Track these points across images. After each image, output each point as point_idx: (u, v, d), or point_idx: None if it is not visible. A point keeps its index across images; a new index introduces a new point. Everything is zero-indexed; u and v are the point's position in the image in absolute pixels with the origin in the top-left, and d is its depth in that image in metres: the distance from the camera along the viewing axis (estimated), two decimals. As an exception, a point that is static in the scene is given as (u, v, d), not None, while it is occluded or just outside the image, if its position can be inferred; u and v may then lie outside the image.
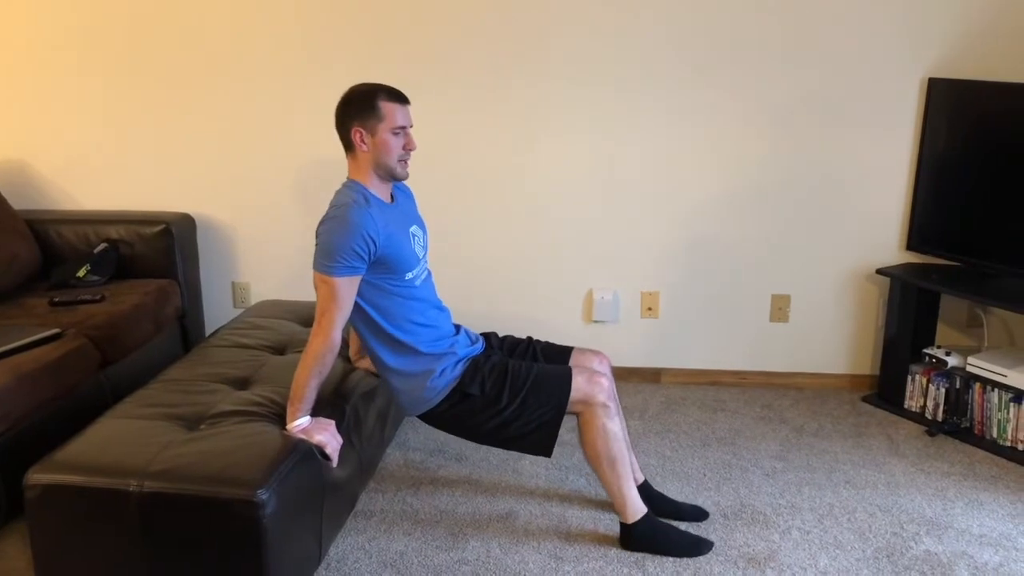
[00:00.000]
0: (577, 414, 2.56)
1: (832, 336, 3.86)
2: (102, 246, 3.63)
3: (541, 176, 3.75)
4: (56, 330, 2.99)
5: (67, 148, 3.85)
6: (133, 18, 3.69)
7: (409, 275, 2.50)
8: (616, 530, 2.69)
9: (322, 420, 2.42)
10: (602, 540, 2.71)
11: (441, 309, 2.66)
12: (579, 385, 2.53)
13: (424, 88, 3.68)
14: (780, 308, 3.84)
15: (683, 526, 2.75)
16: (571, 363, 2.72)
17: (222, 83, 3.74)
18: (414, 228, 2.61)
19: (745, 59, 3.58)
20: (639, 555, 2.62)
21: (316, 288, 2.39)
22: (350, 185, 2.50)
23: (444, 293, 2.73)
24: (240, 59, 3.71)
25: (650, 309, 3.87)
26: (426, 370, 2.52)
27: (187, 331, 3.76)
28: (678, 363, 3.93)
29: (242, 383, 2.68)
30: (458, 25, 3.61)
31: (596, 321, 3.88)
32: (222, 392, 2.58)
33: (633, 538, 2.63)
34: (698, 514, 2.83)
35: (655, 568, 2.56)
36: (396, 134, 2.46)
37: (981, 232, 3.44)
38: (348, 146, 2.50)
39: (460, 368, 2.55)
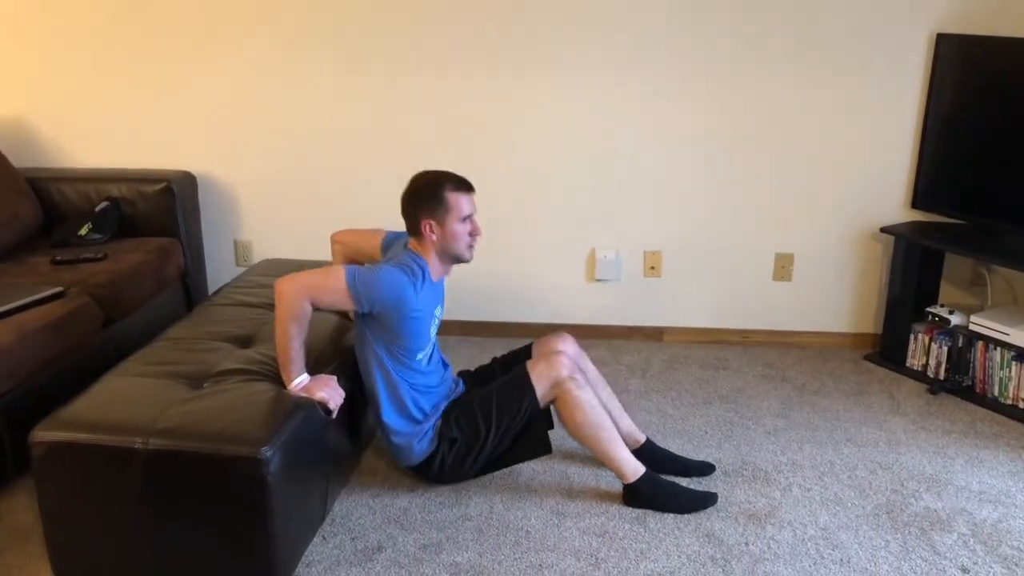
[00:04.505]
0: (553, 400, 2.61)
1: (835, 295, 3.85)
2: (104, 204, 3.62)
3: (543, 136, 3.72)
4: (59, 288, 2.99)
5: (68, 105, 3.82)
6: (131, -28, 3.65)
7: (419, 355, 2.58)
8: (617, 486, 2.71)
9: (323, 376, 2.43)
10: (604, 496, 2.73)
11: (445, 369, 2.78)
12: (539, 372, 2.60)
13: (423, 47, 3.64)
14: (783, 267, 3.83)
15: (687, 482, 2.77)
16: (533, 352, 2.81)
17: (223, 40, 3.69)
18: (439, 309, 2.67)
19: (749, 14, 3.53)
20: (640, 511, 2.64)
21: (327, 269, 2.46)
22: (415, 257, 2.55)
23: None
24: (243, 15, 3.65)
25: (653, 268, 3.86)
26: (416, 432, 2.62)
27: (189, 289, 3.76)
28: (681, 322, 3.93)
29: (245, 341, 2.68)
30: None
31: (599, 280, 3.88)
32: (225, 350, 2.59)
33: (635, 496, 2.65)
34: (705, 469, 2.86)
35: (656, 523, 2.59)
36: (463, 222, 2.52)
37: (987, 190, 3.41)
38: (415, 233, 2.55)
39: (440, 423, 2.65)
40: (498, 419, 2.60)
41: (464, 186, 2.55)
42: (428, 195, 2.51)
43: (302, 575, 2.37)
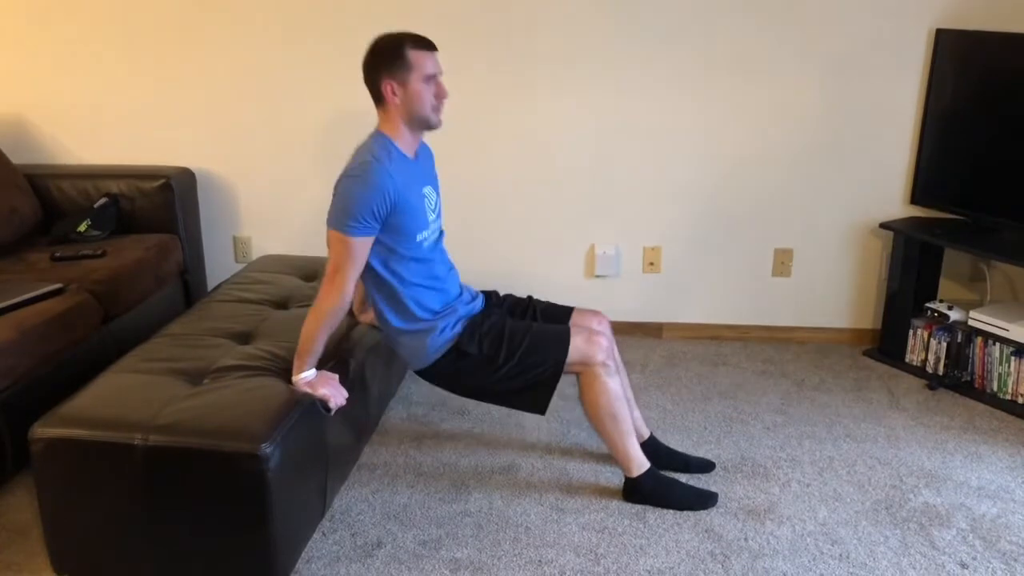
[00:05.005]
0: (577, 374, 2.57)
1: (834, 290, 3.85)
2: (102, 200, 3.61)
3: (543, 131, 3.72)
4: (58, 285, 2.99)
5: (66, 102, 3.81)
6: (129, -32, 3.64)
7: (419, 237, 2.46)
8: (617, 482, 2.72)
9: (326, 373, 2.42)
10: (603, 492, 2.73)
11: (450, 269, 2.66)
12: (577, 345, 2.53)
13: (425, 40, 3.64)
14: (783, 262, 3.83)
15: (687, 478, 2.77)
16: (571, 323, 2.70)
17: (223, 36, 3.69)
18: (427, 189, 2.55)
19: (749, 11, 3.53)
20: (640, 507, 2.64)
21: (329, 244, 2.35)
22: (376, 138, 2.44)
23: (447, 247, 2.72)
24: (241, 10, 3.65)
25: (652, 264, 3.86)
26: (428, 328, 2.51)
27: (189, 286, 3.76)
28: (680, 318, 3.94)
29: (245, 338, 2.68)
30: (459, -25, 3.56)
31: (598, 276, 3.88)
32: (225, 346, 2.58)
33: (636, 491, 2.65)
34: (705, 466, 2.85)
35: (656, 519, 2.59)
36: (427, 82, 2.39)
37: (986, 186, 3.41)
38: (379, 99, 2.43)
39: (459, 327, 2.54)
40: (521, 358, 2.50)
41: (426, 44, 2.39)
42: (388, 55, 2.36)
43: (302, 571, 2.37)
